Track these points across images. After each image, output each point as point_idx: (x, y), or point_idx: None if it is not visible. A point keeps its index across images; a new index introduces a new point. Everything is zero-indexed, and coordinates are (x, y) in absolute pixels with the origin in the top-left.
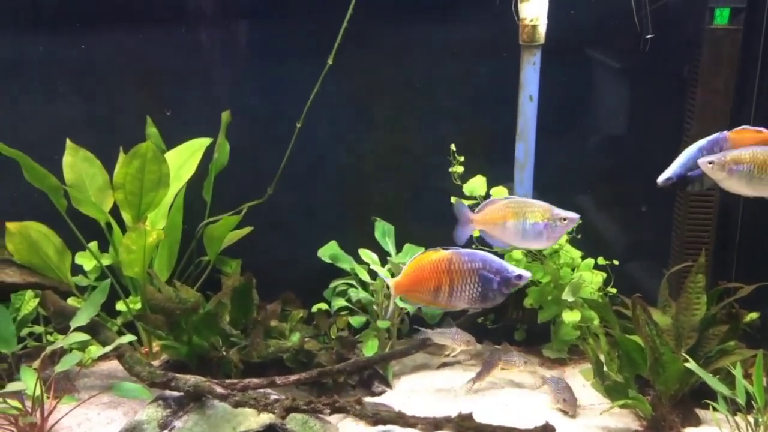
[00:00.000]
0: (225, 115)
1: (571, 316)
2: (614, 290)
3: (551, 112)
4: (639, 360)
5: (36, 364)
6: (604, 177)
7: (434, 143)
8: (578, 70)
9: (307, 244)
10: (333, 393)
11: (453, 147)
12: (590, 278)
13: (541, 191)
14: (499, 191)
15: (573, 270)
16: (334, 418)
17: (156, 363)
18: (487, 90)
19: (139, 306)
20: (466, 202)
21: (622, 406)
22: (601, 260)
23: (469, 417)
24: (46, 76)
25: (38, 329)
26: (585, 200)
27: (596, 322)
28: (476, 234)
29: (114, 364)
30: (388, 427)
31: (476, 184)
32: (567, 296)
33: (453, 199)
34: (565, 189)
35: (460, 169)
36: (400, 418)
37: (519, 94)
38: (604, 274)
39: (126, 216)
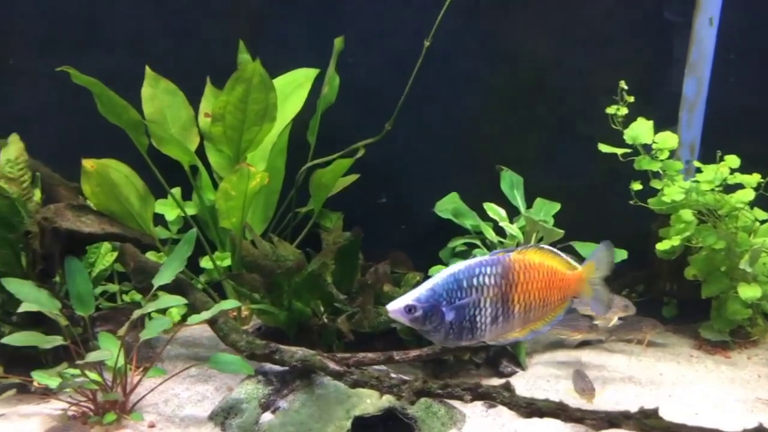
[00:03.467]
0: (338, 42)
1: (749, 291)
2: None
3: (734, 39)
4: None
5: (122, 330)
6: None
7: (578, 78)
8: None
9: (419, 197)
10: (453, 372)
11: (623, 84)
12: None
13: (709, 138)
14: (667, 138)
15: (749, 235)
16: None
17: (245, 329)
18: (649, 12)
19: (227, 263)
20: (617, 150)
21: None
22: None
23: (654, 413)
24: None
25: (112, 287)
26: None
27: None
28: None
29: (196, 330)
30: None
31: (641, 130)
32: (744, 265)
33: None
34: (741, 135)
35: (623, 110)
36: (561, 411)
37: (694, 16)
38: None
39: (216, 159)
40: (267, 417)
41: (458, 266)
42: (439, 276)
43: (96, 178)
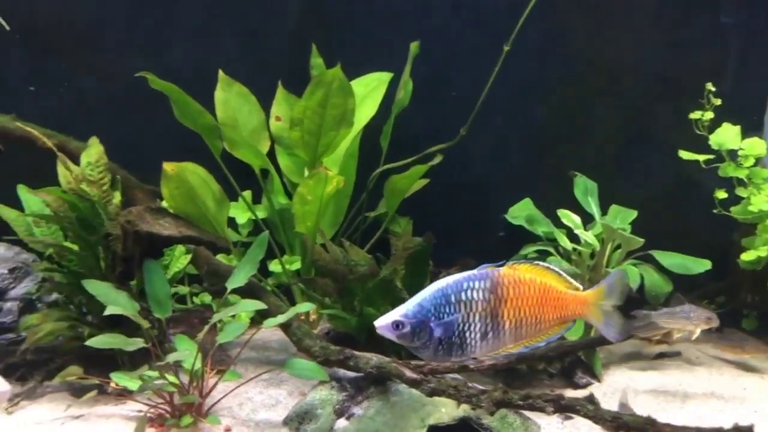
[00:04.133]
0: (414, 46)
1: None
2: None
3: None
4: None
5: (202, 334)
6: None
7: (656, 82)
8: None
9: (490, 203)
10: (526, 382)
11: (710, 86)
12: None
13: None
14: (754, 144)
15: None
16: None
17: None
18: (735, 12)
19: (296, 266)
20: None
21: None
22: None
23: (749, 430)
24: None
25: (183, 290)
26: None
27: None
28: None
29: (265, 333)
30: None
31: (727, 135)
32: None
33: None
34: None
35: (709, 115)
36: (649, 426)
37: None
38: None
39: (286, 162)
40: (341, 423)
41: (446, 280)
42: (427, 291)
43: (175, 180)
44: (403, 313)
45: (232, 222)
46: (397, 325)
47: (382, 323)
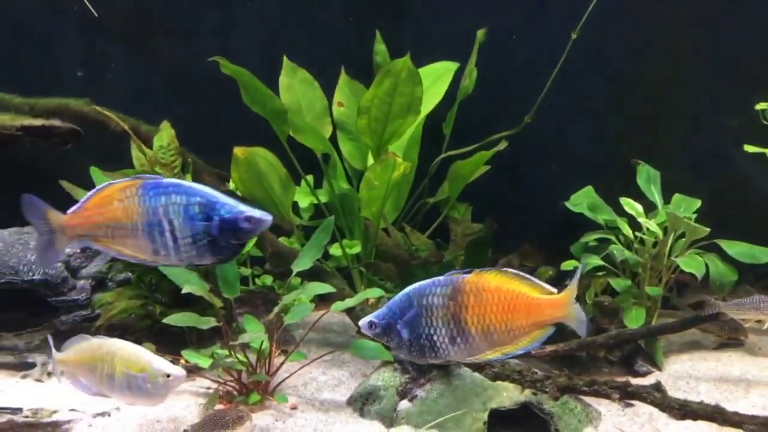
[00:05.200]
0: (480, 34)
1: None
2: None
3: None
4: None
5: (272, 315)
6: None
7: (722, 70)
8: None
9: (551, 190)
10: (585, 369)
11: None
12: None
13: None
14: None
15: None
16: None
17: None
18: None
19: (356, 250)
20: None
21: None
22: None
23: None
24: None
25: (245, 271)
26: None
27: None
28: None
29: (326, 315)
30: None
31: None
32: None
33: None
34: None
35: None
36: (718, 414)
37: None
38: None
39: (348, 148)
40: (404, 405)
41: (414, 285)
42: (398, 294)
43: (244, 165)
44: (375, 314)
45: (293, 205)
46: (370, 325)
47: (363, 323)
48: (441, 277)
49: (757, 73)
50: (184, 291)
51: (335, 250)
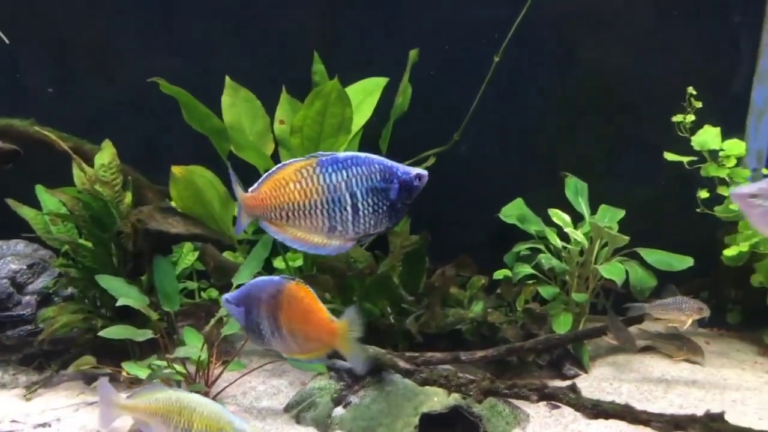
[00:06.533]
0: (413, 54)
1: None
2: None
3: None
4: None
5: (208, 327)
6: None
7: (643, 86)
8: None
9: (485, 202)
10: (516, 373)
11: (691, 89)
12: None
13: None
14: (734, 145)
15: None
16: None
17: None
18: (720, 21)
19: (299, 263)
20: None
21: None
22: None
23: (720, 417)
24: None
25: (191, 285)
26: None
27: None
28: None
29: None
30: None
31: (708, 136)
32: None
33: None
34: None
35: (690, 118)
36: (627, 412)
37: (763, 26)
38: None
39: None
40: (339, 411)
41: (258, 278)
42: (248, 283)
43: (183, 183)
44: (231, 294)
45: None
46: (226, 300)
47: (223, 298)
48: (276, 277)
49: (673, 89)
50: (119, 304)
51: (279, 263)
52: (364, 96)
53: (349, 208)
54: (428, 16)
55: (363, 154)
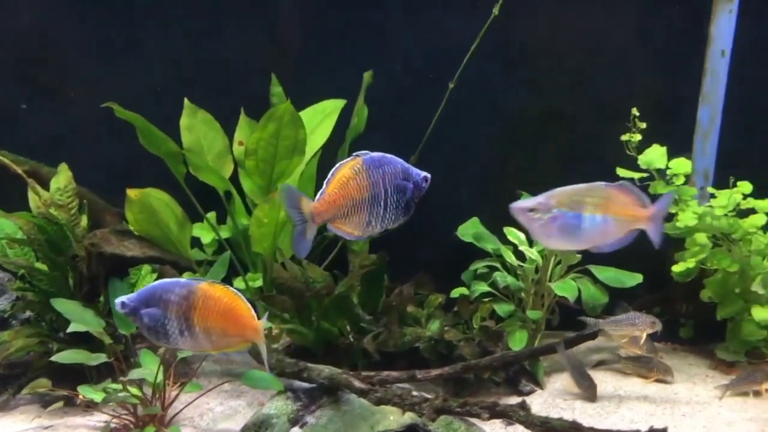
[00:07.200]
0: (367, 76)
1: (762, 313)
2: None
3: (746, 70)
4: None
5: (162, 349)
6: None
7: (597, 107)
8: None
9: (442, 221)
10: (474, 390)
11: (635, 110)
12: None
13: (725, 166)
14: (680, 164)
15: (763, 259)
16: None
17: (275, 347)
18: (665, 43)
19: (259, 284)
20: (634, 175)
21: None
22: None
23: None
24: (157, 27)
25: None
26: None
27: None
28: None
29: None
30: None
31: (654, 155)
32: (758, 288)
33: None
34: (757, 164)
35: (637, 137)
36: (575, 429)
37: (707, 48)
38: None
39: (249, 185)
40: (295, 431)
41: (162, 281)
42: (148, 285)
43: (138, 205)
44: (128, 297)
45: (198, 242)
46: (122, 304)
47: (118, 301)
48: (183, 279)
49: (625, 108)
50: (69, 329)
51: (239, 283)
52: (323, 117)
53: (382, 203)
54: (389, 38)
55: (387, 155)
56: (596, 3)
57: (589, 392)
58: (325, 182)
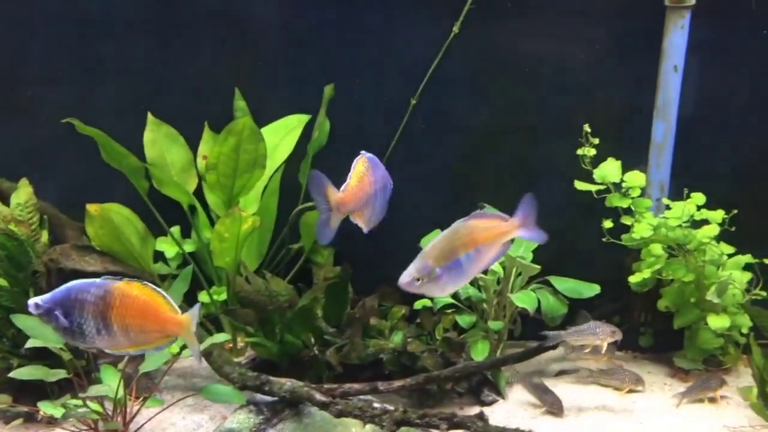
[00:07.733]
0: (328, 90)
1: (717, 321)
2: (765, 293)
3: (698, 84)
4: None
5: (121, 364)
6: (761, 162)
7: (556, 121)
8: (732, 34)
9: (406, 233)
10: (437, 401)
11: (586, 127)
12: (739, 278)
13: (680, 178)
14: (635, 177)
15: (718, 268)
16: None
17: (240, 360)
18: (620, 59)
19: (223, 297)
20: (592, 188)
21: None
22: (748, 258)
23: None
24: (120, 42)
25: None
26: (734, 189)
27: (745, 329)
28: None
29: (193, 361)
30: None
31: (609, 169)
32: (712, 297)
33: None
34: (710, 176)
35: (591, 151)
36: None
37: (660, 63)
38: (750, 275)
39: (213, 199)
40: None
41: (76, 282)
42: (62, 287)
43: (99, 220)
44: (41, 298)
45: (163, 256)
46: (36, 306)
47: (30, 302)
48: (98, 280)
49: (579, 122)
50: (27, 345)
51: (204, 297)
52: (286, 132)
53: (379, 200)
54: (354, 53)
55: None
56: (554, 19)
57: (554, 408)
58: (348, 176)
